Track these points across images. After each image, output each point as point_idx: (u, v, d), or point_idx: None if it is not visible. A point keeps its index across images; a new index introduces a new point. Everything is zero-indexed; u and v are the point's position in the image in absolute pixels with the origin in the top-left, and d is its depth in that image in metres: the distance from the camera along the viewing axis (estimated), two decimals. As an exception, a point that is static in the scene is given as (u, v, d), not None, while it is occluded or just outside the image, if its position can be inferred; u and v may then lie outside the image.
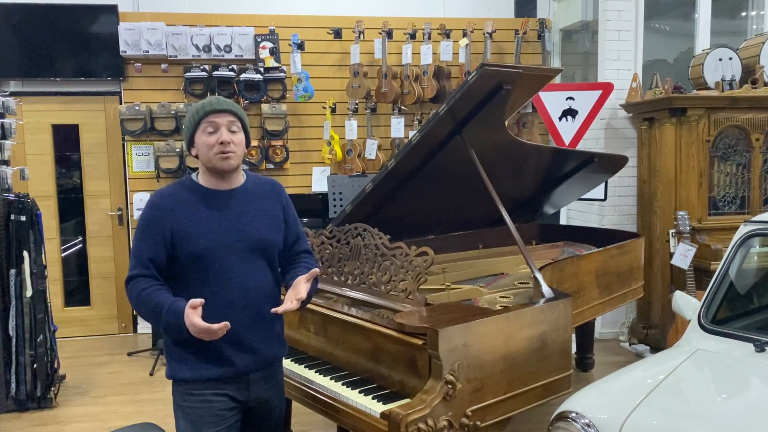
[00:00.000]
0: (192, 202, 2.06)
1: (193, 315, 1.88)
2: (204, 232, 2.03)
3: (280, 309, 2.04)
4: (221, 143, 2.02)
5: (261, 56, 5.48)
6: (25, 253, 4.04)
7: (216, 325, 1.87)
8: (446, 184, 3.13)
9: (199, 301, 1.89)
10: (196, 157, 2.10)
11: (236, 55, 5.50)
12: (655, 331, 4.79)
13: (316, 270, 2.12)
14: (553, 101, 4.88)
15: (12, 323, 4.01)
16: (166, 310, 1.93)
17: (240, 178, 2.16)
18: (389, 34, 5.57)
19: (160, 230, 2.01)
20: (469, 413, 2.14)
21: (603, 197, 4.86)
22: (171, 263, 2.04)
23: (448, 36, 5.70)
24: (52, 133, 5.59)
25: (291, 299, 2.04)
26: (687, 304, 2.79)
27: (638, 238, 3.85)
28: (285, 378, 2.46)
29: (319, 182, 5.75)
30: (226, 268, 2.04)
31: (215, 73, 5.42)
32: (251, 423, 2.21)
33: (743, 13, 6.01)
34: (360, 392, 2.24)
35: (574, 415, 2.14)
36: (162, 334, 2.17)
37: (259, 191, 2.18)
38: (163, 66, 5.52)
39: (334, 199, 5.16)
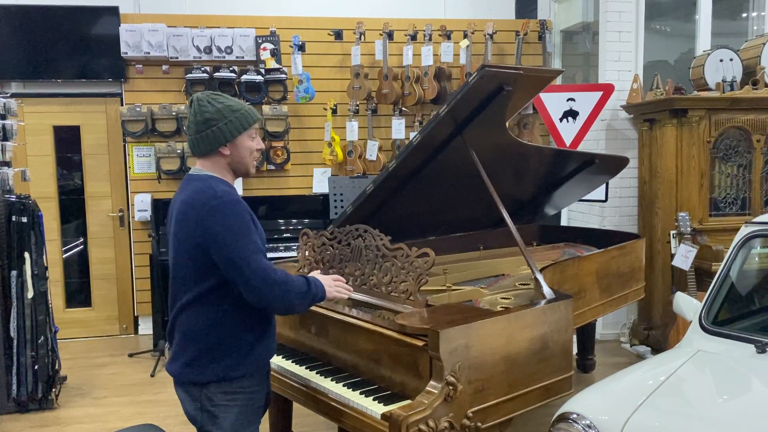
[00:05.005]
0: None
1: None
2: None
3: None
4: (258, 150, 2.18)
5: (262, 57, 5.49)
6: (27, 255, 4.04)
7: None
8: (447, 185, 3.13)
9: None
10: (224, 155, 2.10)
11: (237, 57, 5.51)
12: (656, 333, 4.79)
13: None
14: (553, 102, 4.89)
15: (13, 324, 4.01)
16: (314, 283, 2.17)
17: None
18: (390, 36, 5.58)
19: (253, 226, 2.10)
20: (471, 414, 2.14)
21: (604, 198, 4.86)
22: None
23: (448, 37, 5.70)
24: (54, 134, 5.59)
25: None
26: (688, 305, 2.79)
27: (639, 239, 3.85)
28: (286, 379, 2.53)
29: (320, 183, 5.75)
30: None
31: (216, 74, 5.42)
32: None
33: (744, 14, 6.01)
34: (361, 393, 2.24)
35: (575, 416, 2.14)
36: (202, 334, 2.07)
37: None
38: (164, 67, 5.52)
39: (335, 200, 5.17)
